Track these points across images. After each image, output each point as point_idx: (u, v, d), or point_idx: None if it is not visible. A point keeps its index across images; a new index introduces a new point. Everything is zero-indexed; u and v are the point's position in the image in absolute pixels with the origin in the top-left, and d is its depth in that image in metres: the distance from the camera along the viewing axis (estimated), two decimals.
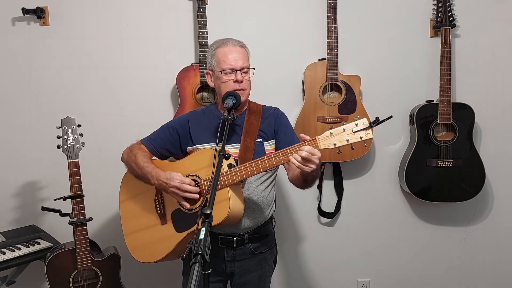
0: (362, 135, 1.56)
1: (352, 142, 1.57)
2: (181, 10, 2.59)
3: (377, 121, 1.53)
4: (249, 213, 1.88)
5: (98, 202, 2.48)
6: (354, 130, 1.56)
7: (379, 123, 1.53)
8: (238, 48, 1.89)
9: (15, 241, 2.30)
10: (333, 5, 2.46)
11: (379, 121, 1.53)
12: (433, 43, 2.61)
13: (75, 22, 2.59)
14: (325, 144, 1.60)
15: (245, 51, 1.92)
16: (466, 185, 2.53)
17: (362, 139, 1.56)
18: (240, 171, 1.72)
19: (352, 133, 1.57)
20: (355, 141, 1.57)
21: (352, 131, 1.57)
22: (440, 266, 2.79)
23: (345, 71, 2.55)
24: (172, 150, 1.98)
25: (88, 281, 2.21)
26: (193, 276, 1.10)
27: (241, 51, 1.89)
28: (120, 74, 2.62)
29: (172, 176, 1.78)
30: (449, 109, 2.48)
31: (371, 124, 1.54)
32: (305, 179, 1.77)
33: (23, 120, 2.62)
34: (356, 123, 1.56)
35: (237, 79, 1.85)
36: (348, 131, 1.57)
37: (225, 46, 1.89)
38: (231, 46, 1.88)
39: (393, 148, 2.70)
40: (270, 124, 1.95)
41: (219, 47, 1.90)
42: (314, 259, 2.79)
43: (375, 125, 1.54)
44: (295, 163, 1.61)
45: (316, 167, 1.62)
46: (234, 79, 1.85)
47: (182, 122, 1.97)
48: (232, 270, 1.94)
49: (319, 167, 1.67)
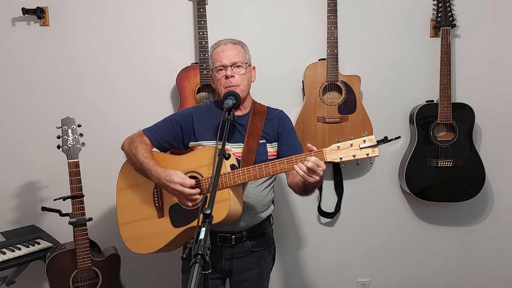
0: (368, 152, 1.60)
1: (358, 158, 1.61)
2: (181, 10, 2.59)
3: (385, 140, 1.57)
4: (248, 212, 1.89)
5: (98, 202, 2.49)
6: (361, 146, 1.60)
7: (387, 141, 1.57)
8: (229, 46, 1.91)
9: (15, 241, 2.30)
10: (333, 5, 2.46)
11: (387, 140, 1.57)
12: (433, 43, 2.61)
13: (75, 22, 2.59)
14: (331, 157, 1.64)
15: (239, 47, 1.92)
16: (466, 185, 2.53)
17: (368, 156, 1.60)
18: (243, 174, 1.73)
19: (359, 149, 1.61)
20: (361, 157, 1.61)
21: (359, 147, 1.61)
22: (440, 266, 2.79)
23: (345, 71, 2.55)
24: (174, 143, 1.98)
25: (88, 281, 2.21)
26: (193, 276, 1.10)
27: (233, 47, 1.90)
28: (120, 74, 2.62)
29: (172, 178, 1.76)
30: (449, 109, 2.48)
31: (378, 142, 1.58)
32: (306, 187, 1.78)
33: (23, 120, 2.62)
34: (364, 139, 1.60)
35: (227, 75, 1.86)
36: (355, 146, 1.61)
37: (218, 46, 1.93)
38: (223, 45, 1.92)
39: (393, 148, 2.70)
40: (274, 127, 1.95)
41: (214, 48, 1.94)
42: (314, 259, 2.79)
43: (383, 144, 1.57)
44: (300, 172, 1.64)
45: (319, 178, 1.64)
46: (224, 75, 1.87)
47: (186, 117, 1.97)
48: (230, 267, 1.95)
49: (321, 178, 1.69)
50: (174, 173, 1.77)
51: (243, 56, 1.91)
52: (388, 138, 1.56)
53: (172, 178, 1.76)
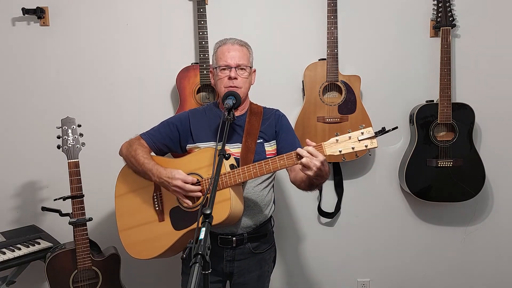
0: (367, 144, 1.60)
1: (357, 150, 1.62)
2: (181, 10, 2.59)
3: (383, 131, 1.57)
4: (248, 213, 1.88)
5: (98, 202, 2.48)
6: (359, 139, 1.60)
7: (385, 132, 1.57)
8: (236, 47, 1.90)
9: (15, 241, 2.30)
10: (333, 5, 2.46)
11: (385, 131, 1.57)
12: (433, 43, 2.61)
13: (75, 22, 2.59)
14: (330, 151, 1.64)
15: (245, 50, 1.92)
16: (466, 185, 2.53)
17: (367, 148, 1.60)
18: (243, 173, 1.72)
19: (358, 141, 1.61)
20: (360, 149, 1.61)
21: (357, 139, 1.61)
22: (440, 266, 2.79)
23: (345, 71, 2.55)
24: (172, 146, 1.98)
25: (88, 281, 2.21)
26: (193, 276, 1.10)
27: (239, 49, 1.90)
28: (120, 74, 2.62)
29: (174, 175, 1.77)
30: (449, 109, 2.48)
31: (376, 133, 1.58)
32: (311, 183, 1.76)
33: (23, 120, 2.62)
34: (362, 131, 1.60)
35: (230, 76, 1.85)
36: (354, 139, 1.61)
37: (224, 44, 1.91)
38: (229, 44, 1.90)
39: (393, 148, 2.70)
40: (271, 126, 1.95)
41: (220, 46, 1.92)
42: (314, 259, 2.79)
43: (380, 135, 1.58)
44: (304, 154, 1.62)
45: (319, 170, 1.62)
46: (228, 76, 1.86)
47: (182, 119, 1.98)
48: (231, 269, 1.94)
49: (327, 173, 1.69)
50: (175, 171, 1.79)
51: (247, 59, 1.91)
52: (386, 129, 1.56)
53: (173, 175, 1.77)
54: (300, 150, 1.64)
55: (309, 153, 1.61)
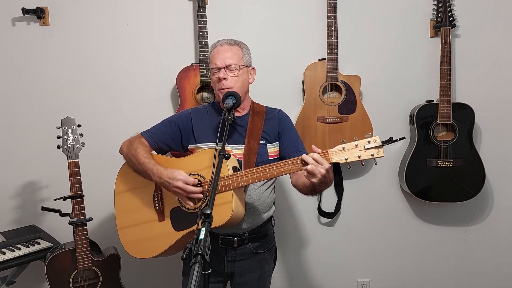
0: (373, 153, 1.60)
1: (363, 159, 1.61)
2: (181, 10, 2.59)
3: (390, 141, 1.57)
4: (250, 214, 1.88)
5: (98, 202, 2.48)
6: (366, 147, 1.60)
7: (392, 142, 1.57)
8: (225, 47, 1.88)
9: (15, 241, 2.30)
10: (333, 5, 2.46)
11: (392, 141, 1.57)
12: (433, 43, 2.61)
13: (75, 22, 2.59)
14: (336, 158, 1.63)
15: (236, 49, 1.89)
16: (466, 185, 2.53)
17: (373, 157, 1.60)
18: (246, 176, 1.71)
19: (364, 150, 1.61)
20: (366, 158, 1.61)
21: (364, 148, 1.60)
22: (440, 266, 2.79)
23: (345, 71, 2.55)
24: (173, 145, 1.97)
25: (88, 281, 2.21)
26: (193, 276, 1.10)
27: (228, 49, 1.88)
28: (120, 74, 2.62)
29: (175, 175, 1.76)
30: (449, 109, 2.48)
31: (383, 143, 1.58)
32: (314, 189, 1.76)
33: (23, 120, 2.62)
34: (369, 140, 1.60)
35: (219, 77, 1.85)
36: (360, 147, 1.61)
37: (215, 47, 1.91)
38: (219, 46, 1.89)
39: (393, 148, 2.69)
40: (274, 126, 1.94)
41: (212, 49, 1.92)
42: (314, 259, 2.78)
43: (387, 144, 1.57)
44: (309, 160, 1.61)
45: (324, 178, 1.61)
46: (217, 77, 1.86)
47: (184, 118, 1.96)
48: (232, 270, 1.94)
49: (331, 180, 1.68)
50: (176, 171, 1.77)
51: (238, 58, 1.88)
52: (394, 139, 1.56)
53: (174, 175, 1.76)
54: (305, 156, 1.62)
55: (315, 160, 1.60)
